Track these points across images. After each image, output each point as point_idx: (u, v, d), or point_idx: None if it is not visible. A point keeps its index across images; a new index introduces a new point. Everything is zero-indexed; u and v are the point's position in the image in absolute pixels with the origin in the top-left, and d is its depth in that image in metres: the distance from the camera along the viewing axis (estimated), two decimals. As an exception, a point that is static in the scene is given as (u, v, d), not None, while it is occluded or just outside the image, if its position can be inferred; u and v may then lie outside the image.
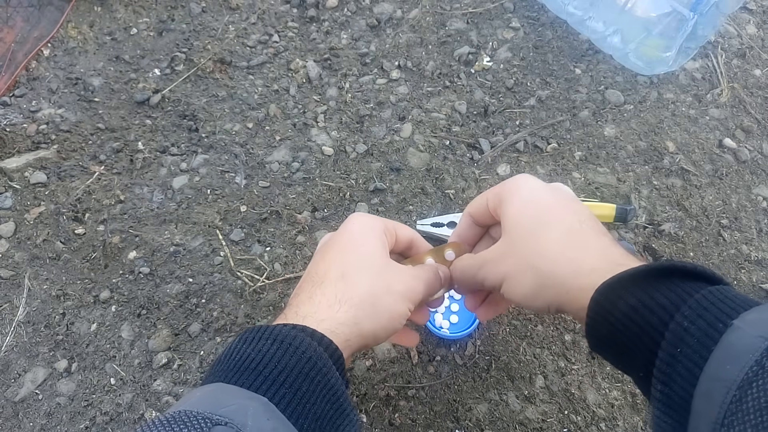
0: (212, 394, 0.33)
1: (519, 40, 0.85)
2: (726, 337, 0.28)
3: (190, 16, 0.89)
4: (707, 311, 0.29)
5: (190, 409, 0.30)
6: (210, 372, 0.36)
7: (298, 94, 0.81)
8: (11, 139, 0.77)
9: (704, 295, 0.30)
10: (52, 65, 0.84)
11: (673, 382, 0.29)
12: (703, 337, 0.28)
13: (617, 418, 0.59)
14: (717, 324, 0.28)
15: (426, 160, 0.75)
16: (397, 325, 0.41)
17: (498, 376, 0.61)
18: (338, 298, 0.40)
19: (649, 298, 0.31)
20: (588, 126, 0.77)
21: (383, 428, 0.58)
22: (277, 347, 0.35)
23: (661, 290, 0.31)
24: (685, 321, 0.29)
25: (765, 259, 0.68)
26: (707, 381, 0.28)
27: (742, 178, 0.74)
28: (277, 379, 0.34)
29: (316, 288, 0.41)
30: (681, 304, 0.30)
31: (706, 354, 0.28)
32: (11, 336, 0.65)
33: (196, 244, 0.70)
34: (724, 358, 0.27)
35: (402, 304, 0.41)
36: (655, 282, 0.32)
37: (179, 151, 0.77)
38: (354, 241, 0.43)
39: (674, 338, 0.29)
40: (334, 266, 0.42)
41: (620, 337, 0.33)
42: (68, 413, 0.61)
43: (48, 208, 0.73)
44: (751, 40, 0.85)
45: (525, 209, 0.41)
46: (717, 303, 0.29)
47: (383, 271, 0.42)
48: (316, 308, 0.39)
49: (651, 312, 0.31)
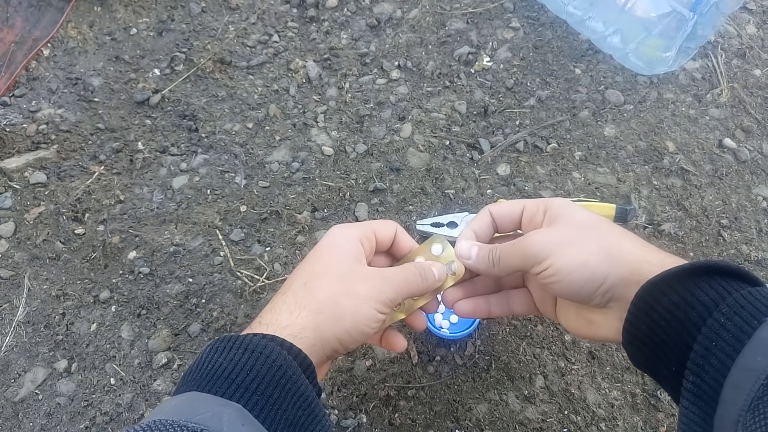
0: (187, 402, 0.33)
1: (519, 40, 0.85)
2: (759, 333, 0.29)
3: (189, 16, 0.89)
4: (744, 309, 0.31)
5: (165, 417, 0.31)
6: (182, 382, 0.36)
7: (298, 94, 0.81)
8: (11, 139, 0.77)
9: (743, 295, 0.31)
10: (52, 65, 0.84)
11: (705, 373, 0.31)
12: (737, 332, 0.30)
13: (617, 418, 0.59)
14: (752, 321, 0.30)
15: (426, 160, 0.75)
16: (364, 328, 0.40)
17: (498, 376, 0.61)
18: (298, 304, 0.40)
19: (691, 295, 0.33)
20: (588, 126, 0.77)
21: (383, 428, 0.58)
22: (249, 356, 0.35)
23: (703, 288, 0.33)
24: (722, 317, 0.31)
25: (765, 259, 0.68)
26: (738, 371, 0.29)
27: (742, 178, 0.74)
28: (249, 386, 0.34)
29: (278, 297, 0.42)
30: (720, 302, 0.32)
31: (739, 347, 0.29)
32: (11, 336, 0.65)
33: (196, 244, 0.70)
34: (755, 350, 0.29)
35: (366, 307, 0.40)
36: (697, 280, 0.34)
37: (179, 151, 0.77)
38: (321, 252, 0.44)
39: (711, 332, 0.31)
40: (298, 276, 0.42)
41: (659, 332, 0.34)
42: (68, 413, 0.61)
43: (48, 208, 0.73)
44: (751, 40, 0.85)
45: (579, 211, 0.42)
46: (754, 302, 0.31)
47: (346, 275, 0.42)
48: (277, 315, 0.40)
49: (691, 308, 0.32)
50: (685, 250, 0.68)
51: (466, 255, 0.45)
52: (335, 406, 0.59)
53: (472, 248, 0.45)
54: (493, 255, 0.43)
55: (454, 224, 0.68)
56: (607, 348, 0.62)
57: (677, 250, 0.68)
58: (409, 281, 0.43)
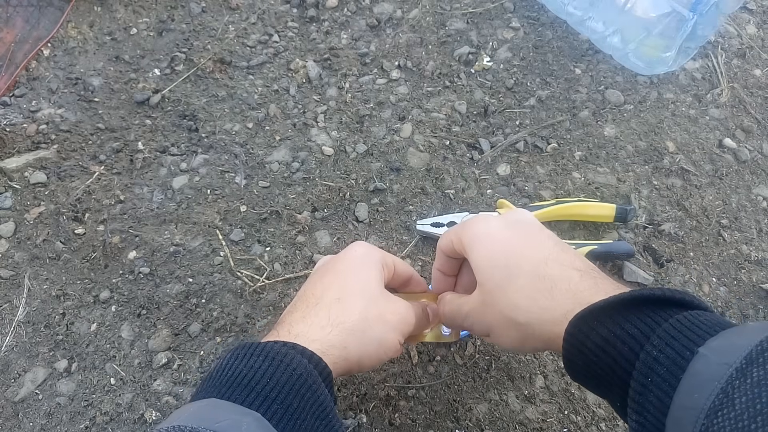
0: (205, 409, 0.33)
1: (519, 40, 0.85)
2: (692, 366, 0.28)
3: (190, 16, 0.89)
4: (675, 340, 0.30)
5: (184, 424, 0.30)
6: (201, 387, 0.36)
7: (298, 94, 0.81)
8: (11, 139, 0.77)
9: (671, 324, 0.30)
10: (52, 65, 0.84)
11: (647, 412, 0.30)
12: (671, 366, 0.29)
13: (617, 418, 0.59)
14: (685, 352, 0.29)
15: (426, 160, 0.75)
16: (383, 355, 0.42)
17: (498, 376, 0.61)
18: (331, 321, 0.40)
19: (620, 328, 0.32)
20: (588, 126, 0.77)
21: (383, 428, 0.58)
22: (269, 364, 0.35)
23: (632, 320, 0.32)
24: (654, 350, 0.30)
25: (765, 259, 0.68)
26: (677, 410, 0.28)
27: (742, 178, 0.74)
28: (269, 395, 0.34)
29: (311, 309, 0.41)
30: (650, 334, 0.31)
31: (675, 383, 0.29)
32: (11, 336, 0.65)
33: (196, 244, 0.70)
34: (691, 386, 0.28)
35: (393, 335, 0.42)
36: (625, 312, 0.33)
37: (179, 151, 0.77)
38: (353, 267, 0.44)
39: (645, 368, 0.30)
40: (330, 290, 0.42)
41: (594, 368, 0.33)
42: (68, 413, 0.61)
43: (48, 208, 0.73)
44: (751, 40, 0.85)
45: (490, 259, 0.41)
46: (684, 331, 0.30)
47: (378, 299, 0.42)
48: (308, 329, 0.40)
49: (622, 342, 0.32)
50: (685, 250, 0.68)
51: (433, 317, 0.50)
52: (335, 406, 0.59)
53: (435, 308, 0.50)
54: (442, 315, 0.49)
55: (454, 224, 0.68)
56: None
57: (677, 250, 0.68)
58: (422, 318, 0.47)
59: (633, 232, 0.69)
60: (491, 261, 0.41)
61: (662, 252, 0.68)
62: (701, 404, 0.27)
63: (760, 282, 0.67)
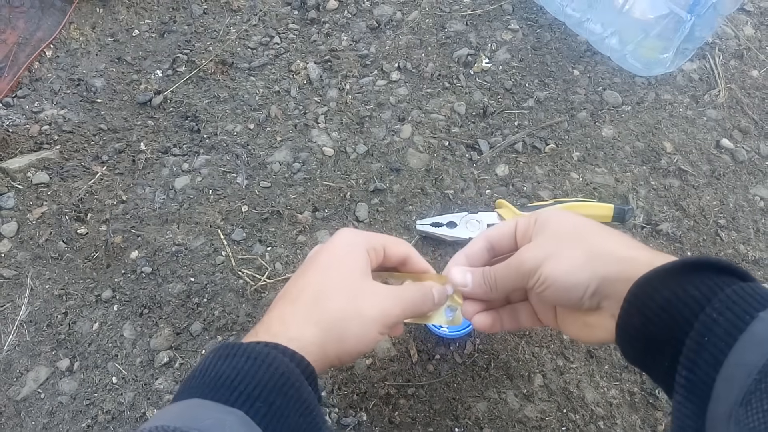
0: (189, 409, 0.33)
1: (518, 41, 0.85)
2: (751, 327, 0.29)
3: (191, 18, 0.89)
4: (736, 304, 0.31)
5: (167, 424, 0.31)
6: (183, 387, 0.37)
7: (299, 95, 0.82)
8: (14, 139, 0.78)
9: (734, 290, 0.31)
10: (55, 66, 0.85)
11: (698, 368, 0.31)
12: (730, 327, 0.30)
13: (615, 417, 0.59)
14: (744, 316, 0.30)
15: (425, 161, 0.76)
16: (363, 349, 0.42)
17: (497, 375, 0.61)
18: (307, 319, 0.40)
19: (683, 291, 0.33)
20: (586, 127, 0.78)
21: (383, 426, 0.59)
22: (252, 363, 0.36)
23: (695, 283, 0.33)
24: (714, 312, 0.31)
25: (762, 259, 0.69)
26: (730, 366, 0.29)
27: (740, 179, 0.74)
28: (252, 393, 0.34)
29: (288, 306, 0.42)
30: (712, 297, 0.32)
31: (732, 342, 0.30)
32: (14, 335, 0.65)
33: (197, 244, 0.70)
34: (747, 345, 0.29)
35: (372, 329, 0.41)
36: (689, 276, 0.34)
37: (181, 152, 0.77)
38: (334, 259, 0.44)
39: (703, 328, 0.31)
40: (310, 285, 0.42)
41: (652, 327, 0.34)
42: (70, 412, 0.61)
43: (50, 208, 0.73)
44: (749, 41, 0.86)
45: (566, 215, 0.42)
46: (746, 297, 0.31)
47: (357, 294, 0.42)
48: (286, 327, 0.40)
49: (684, 304, 0.33)
50: (683, 250, 0.69)
51: (461, 282, 0.45)
52: (335, 405, 0.60)
53: (465, 275, 0.45)
54: (489, 278, 0.44)
55: (453, 224, 0.68)
56: (606, 347, 0.63)
57: (675, 250, 0.69)
58: (415, 301, 0.45)
59: (631, 232, 0.70)
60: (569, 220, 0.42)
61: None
62: (755, 361, 0.28)
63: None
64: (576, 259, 0.39)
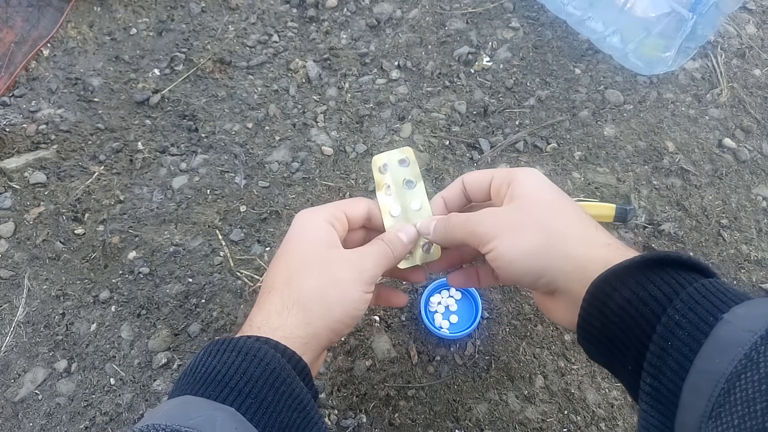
0: (180, 406, 0.33)
1: (519, 40, 0.85)
2: (716, 331, 0.28)
3: (189, 16, 0.89)
4: (699, 305, 0.29)
5: (158, 422, 0.31)
6: (176, 386, 0.36)
7: (298, 94, 0.81)
8: (11, 139, 0.77)
9: (696, 288, 0.30)
10: (52, 65, 0.84)
11: (663, 375, 0.29)
12: (693, 331, 0.28)
13: (617, 418, 0.59)
14: (708, 318, 0.28)
15: (426, 160, 0.75)
16: (354, 312, 0.40)
17: (498, 376, 0.61)
18: (285, 304, 0.40)
19: (643, 290, 0.31)
20: (588, 126, 0.77)
21: (383, 428, 0.58)
22: (242, 359, 0.35)
23: (656, 282, 0.31)
24: (677, 314, 0.29)
25: (765, 259, 0.68)
26: (696, 374, 0.28)
27: (742, 178, 0.74)
28: (243, 389, 0.34)
29: (265, 297, 0.41)
30: (674, 297, 0.30)
31: (696, 347, 0.28)
32: (11, 336, 0.65)
33: (195, 244, 0.70)
34: (713, 351, 0.27)
35: (353, 289, 0.40)
36: (648, 273, 0.32)
37: (179, 151, 0.77)
38: (295, 242, 0.43)
39: (665, 331, 0.29)
40: (280, 273, 0.42)
41: (613, 329, 0.33)
42: (68, 413, 0.61)
43: (47, 208, 0.73)
44: (751, 39, 0.85)
45: (540, 189, 0.41)
46: (708, 296, 0.29)
47: (325, 264, 0.41)
48: (267, 317, 0.39)
49: (645, 304, 0.31)
50: (685, 250, 0.68)
51: (425, 231, 0.45)
52: (335, 406, 0.59)
53: (430, 223, 0.45)
54: (446, 225, 0.43)
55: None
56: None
57: (677, 249, 0.68)
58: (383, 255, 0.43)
59: (633, 232, 0.69)
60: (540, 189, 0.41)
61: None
62: (722, 369, 0.26)
63: (759, 282, 0.67)
64: (532, 244, 0.37)
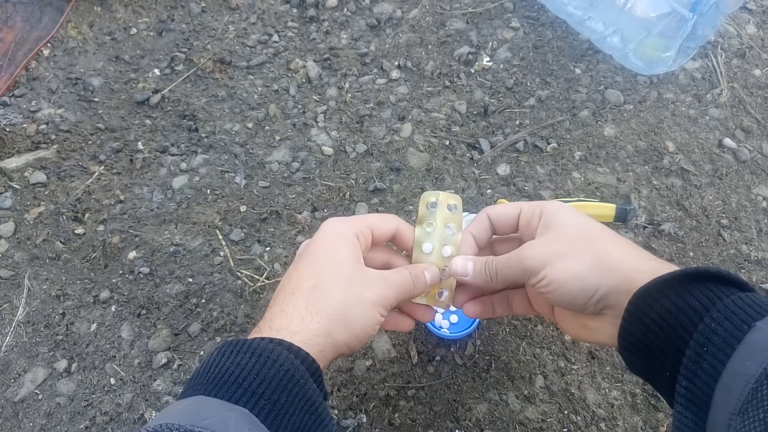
0: (193, 406, 0.33)
1: (519, 40, 0.85)
2: (748, 337, 0.30)
3: (189, 16, 0.89)
4: (734, 314, 0.31)
5: (171, 422, 0.31)
6: (188, 385, 0.36)
7: (298, 94, 0.81)
8: (11, 139, 0.77)
9: (733, 300, 0.32)
10: (52, 65, 0.84)
11: (697, 378, 0.31)
12: (728, 337, 0.31)
13: (617, 418, 0.59)
14: (742, 326, 0.30)
15: (426, 160, 0.75)
16: (370, 331, 0.42)
17: (498, 376, 0.61)
18: (310, 309, 0.40)
19: (682, 301, 0.33)
20: (588, 126, 0.77)
21: (383, 428, 0.58)
22: (255, 360, 0.35)
23: (694, 293, 0.33)
24: (713, 323, 0.31)
25: (765, 259, 0.68)
26: (728, 376, 0.30)
27: (742, 178, 0.74)
28: (256, 391, 0.34)
29: (288, 299, 0.41)
30: (710, 307, 0.32)
31: (730, 352, 0.30)
32: (11, 336, 0.65)
33: (195, 244, 0.70)
34: (745, 355, 0.29)
35: (373, 312, 0.42)
36: (688, 286, 0.34)
37: (179, 151, 0.77)
38: (324, 250, 0.44)
39: (702, 338, 0.31)
40: (305, 277, 0.42)
41: (652, 337, 0.34)
42: (68, 413, 0.61)
43: (48, 208, 0.73)
44: (751, 39, 0.85)
45: (574, 217, 0.42)
46: (744, 307, 0.31)
47: (353, 279, 0.42)
48: (289, 320, 0.40)
49: (683, 314, 0.33)
50: (685, 250, 0.68)
51: (462, 272, 0.45)
52: (335, 406, 0.59)
53: (467, 264, 0.45)
54: (490, 269, 0.44)
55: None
56: (607, 348, 0.62)
57: (677, 250, 0.68)
58: (405, 286, 0.45)
59: (633, 232, 0.69)
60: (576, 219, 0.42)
61: (662, 252, 0.68)
62: (753, 371, 0.28)
63: (760, 282, 0.67)
64: (584, 265, 0.39)
